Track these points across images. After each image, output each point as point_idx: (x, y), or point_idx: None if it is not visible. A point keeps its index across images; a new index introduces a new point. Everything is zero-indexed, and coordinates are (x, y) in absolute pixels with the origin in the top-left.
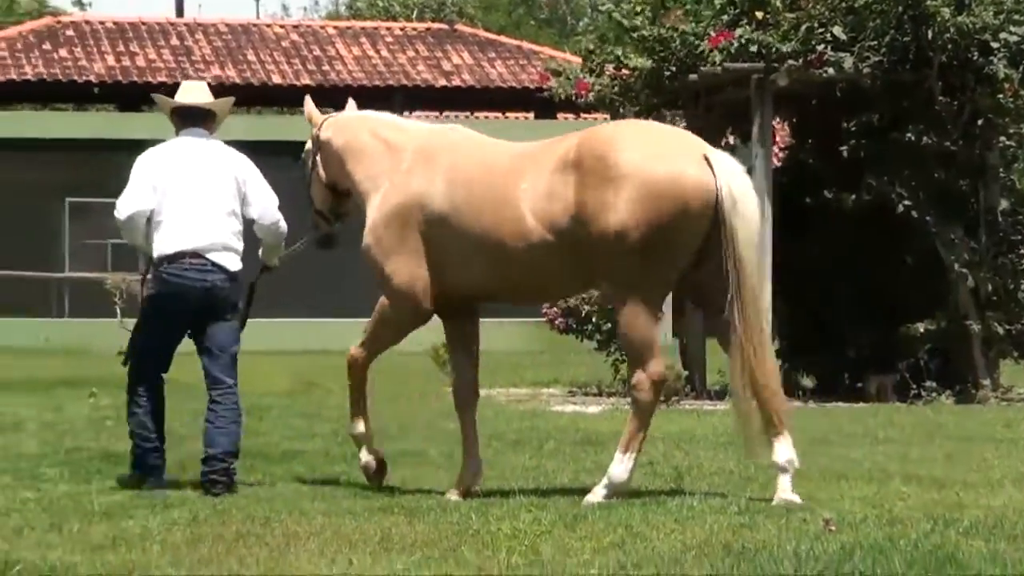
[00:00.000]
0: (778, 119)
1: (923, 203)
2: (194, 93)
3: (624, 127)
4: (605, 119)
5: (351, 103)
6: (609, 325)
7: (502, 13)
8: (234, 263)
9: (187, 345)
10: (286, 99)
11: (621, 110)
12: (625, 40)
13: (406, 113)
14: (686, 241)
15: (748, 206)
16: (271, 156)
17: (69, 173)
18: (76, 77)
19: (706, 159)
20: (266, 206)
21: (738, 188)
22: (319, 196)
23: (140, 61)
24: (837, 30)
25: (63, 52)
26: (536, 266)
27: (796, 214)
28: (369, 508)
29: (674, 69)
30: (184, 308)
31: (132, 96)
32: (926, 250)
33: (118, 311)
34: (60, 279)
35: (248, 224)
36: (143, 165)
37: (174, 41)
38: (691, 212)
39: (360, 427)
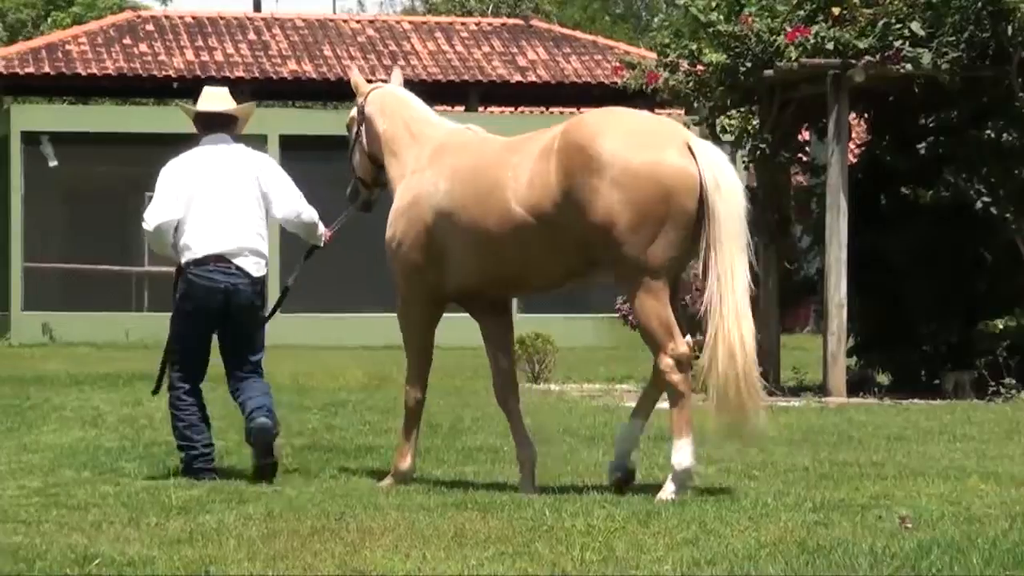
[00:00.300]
0: (854, 115)
1: (1002, 200)
2: (216, 100)
3: (606, 115)
4: (679, 114)
5: (397, 74)
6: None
7: (577, 8)
8: (258, 268)
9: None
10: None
11: (695, 105)
12: (700, 35)
13: (480, 109)
14: (676, 225)
15: (731, 189)
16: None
17: (149, 167)
18: (156, 72)
19: (688, 147)
20: (289, 204)
21: (721, 172)
22: (361, 165)
23: (218, 56)
24: (915, 26)
25: (143, 47)
26: (524, 255)
27: (872, 211)
28: (443, 504)
29: (749, 65)
30: (210, 308)
31: None
32: (1005, 246)
33: None
34: (140, 273)
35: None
36: (167, 175)
37: (251, 36)
38: (674, 198)
39: (407, 463)
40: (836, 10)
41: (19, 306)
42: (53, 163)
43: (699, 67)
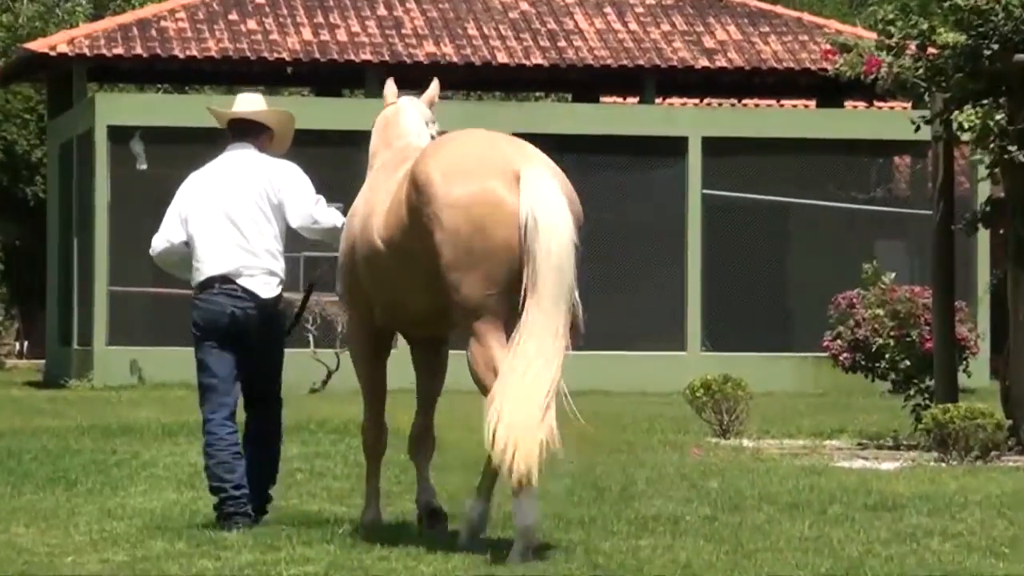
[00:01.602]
0: None
1: None
2: (243, 105)
3: (449, 141)
4: (904, 108)
5: (433, 85)
6: (908, 362)
7: None
8: (268, 289)
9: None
10: (513, 82)
11: (926, 97)
12: (934, 10)
13: (658, 100)
14: (494, 263)
15: (549, 227)
16: None
17: None
18: (266, 54)
19: (517, 178)
20: (302, 211)
21: (541, 208)
22: None
23: (341, 35)
24: None
25: (251, 24)
26: (399, 286)
27: None
28: None
29: (996, 47)
30: (219, 335)
31: (331, 77)
32: None
33: (311, 339)
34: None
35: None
36: (180, 191)
37: (381, 11)
38: (488, 232)
39: (372, 514)
40: None
41: (103, 340)
42: (143, 165)
43: (931, 50)
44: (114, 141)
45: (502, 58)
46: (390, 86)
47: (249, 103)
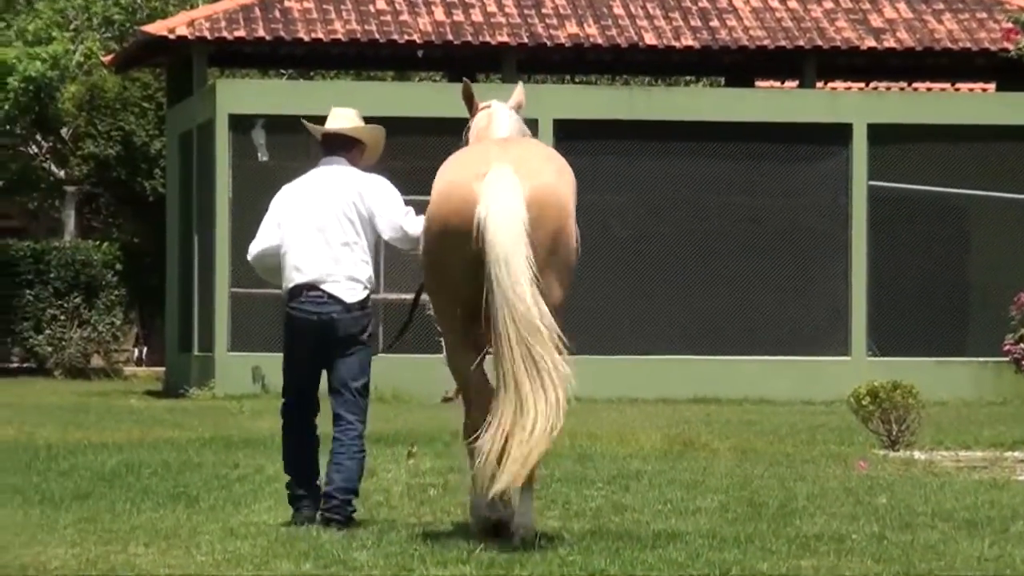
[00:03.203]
0: None
1: None
2: (338, 120)
3: (464, 148)
4: None
5: (518, 89)
6: None
7: None
8: (352, 294)
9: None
10: (661, 65)
11: None
12: None
13: (819, 84)
14: (453, 262)
15: (498, 227)
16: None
17: (392, 161)
18: (396, 36)
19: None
20: (393, 220)
21: (493, 207)
22: None
23: (476, 15)
24: None
25: (381, 4)
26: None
27: None
28: None
29: None
30: (306, 342)
31: (465, 61)
32: None
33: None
34: (374, 303)
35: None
36: (274, 202)
37: None
38: (449, 231)
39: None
40: None
41: (225, 345)
42: (265, 156)
43: None
44: (236, 131)
45: (650, 39)
46: (469, 86)
47: (343, 119)
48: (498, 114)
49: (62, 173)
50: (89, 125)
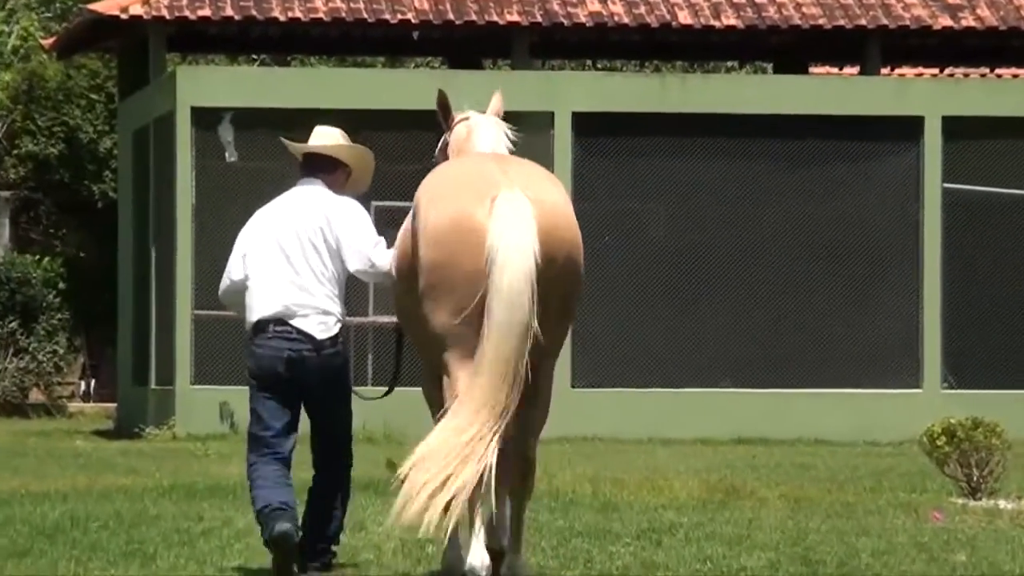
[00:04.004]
0: None
1: None
2: (320, 139)
3: (447, 163)
4: None
5: (495, 99)
6: None
7: None
8: (323, 330)
9: None
10: (698, 48)
11: None
12: None
13: (885, 70)
14: (458, 288)
15: (507, 262)
16: (667, 135)
17: (386, 163)
18: (387, 15)
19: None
20: (359, 253)
21: (504, 239)
22: None
23: None
24: None
25: None
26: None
27: None
28: None
29: None
30: (275, 381)
31: (467, 43)
32: None
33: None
34: (362, 325)
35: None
36: (243, 231)
37: None
38: (456, 257)
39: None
40: None
41: (187, 378)
42: (234, 156)
43: None
44: (199, 126)
45: (684, 18)
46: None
47: (327, 138)
48: (481, 126)
49: None
50: (27, 120)
